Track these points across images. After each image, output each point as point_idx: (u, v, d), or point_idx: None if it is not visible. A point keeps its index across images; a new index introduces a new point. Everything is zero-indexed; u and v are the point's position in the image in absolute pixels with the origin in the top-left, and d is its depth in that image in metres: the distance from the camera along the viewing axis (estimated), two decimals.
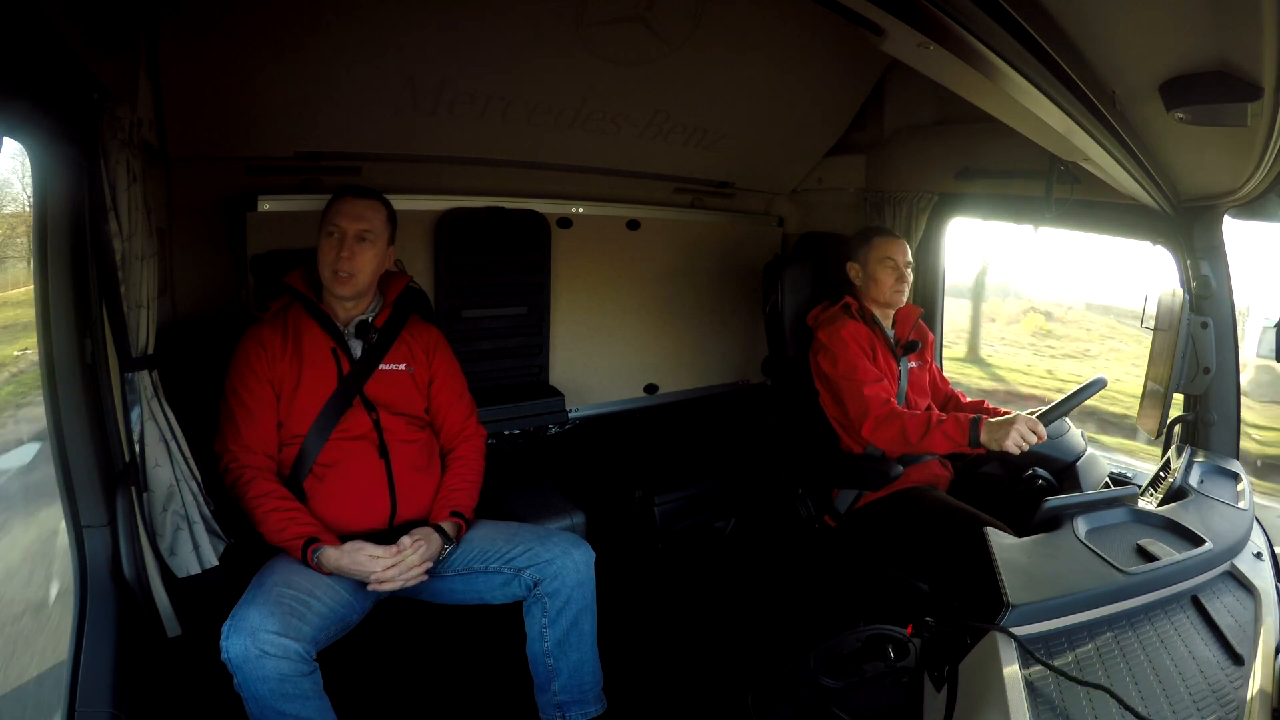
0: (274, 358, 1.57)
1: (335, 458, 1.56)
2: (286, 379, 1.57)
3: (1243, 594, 1.21)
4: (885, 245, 2.05)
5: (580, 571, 1.52)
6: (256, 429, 1.54)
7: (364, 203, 1.61)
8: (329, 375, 1.59)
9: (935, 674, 1.01)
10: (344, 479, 1.56)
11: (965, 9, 0.74)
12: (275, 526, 1.45)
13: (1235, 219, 1.75)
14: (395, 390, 1.65)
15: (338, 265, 1.56)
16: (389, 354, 1.65)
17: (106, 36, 1.20)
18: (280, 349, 1.58)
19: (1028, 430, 1.67)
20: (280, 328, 1.60)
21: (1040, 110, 1.07)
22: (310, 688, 1.29)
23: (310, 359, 1.58)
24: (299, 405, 1.57)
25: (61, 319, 1.23)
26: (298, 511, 1.48)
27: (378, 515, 1.57)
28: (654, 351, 2.76)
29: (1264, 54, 0.80)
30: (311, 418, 1.56)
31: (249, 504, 1.48)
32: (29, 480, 1.48)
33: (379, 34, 1.66)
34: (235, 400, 1.55)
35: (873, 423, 1.86)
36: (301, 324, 1.61)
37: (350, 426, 1.58)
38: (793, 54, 2.11)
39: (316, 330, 1.61)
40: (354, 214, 1.58)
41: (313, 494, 1.55)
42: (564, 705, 1.51)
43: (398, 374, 1.66)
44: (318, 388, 1.58)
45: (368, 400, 1.61)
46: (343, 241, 1.57)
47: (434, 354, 1.74)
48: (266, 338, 1.58)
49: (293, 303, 1.64)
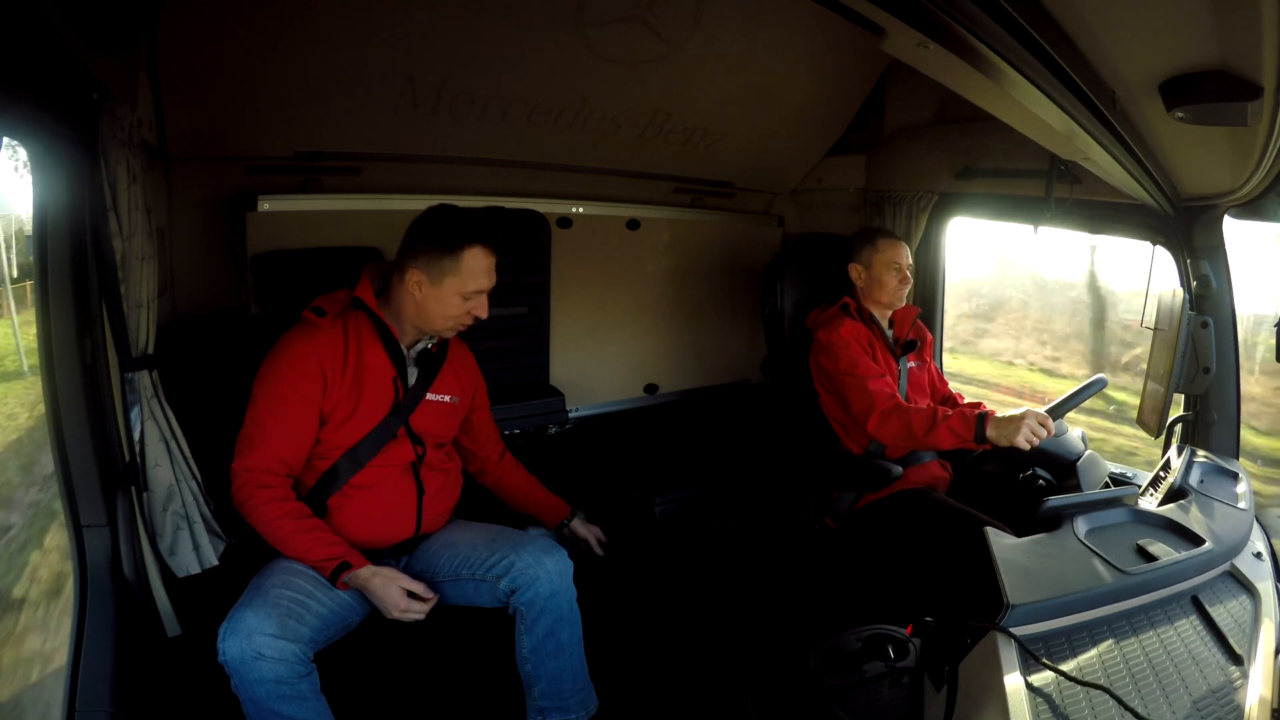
0: (333, 383, 1.45)
1: (369, 482, 1.50)
2: (341, 406, 1.46)
3: (1243, 594, 1.21)
4: (891, 249, 2.05)
5: (554, 581, 1.46)
6: (293, 451, 1.44)
7: (494, 257, 1.51)
8: (384, 404, 1.50)
9: (935, 674, 1.01)
10: (373, 503, 1.51)
11: (965, 9, 0.74)
12: (301, 548, 1.40)
13: (1235, 219, 1.75)
14: (441, 423, 1.60)
15: (463, 323, 1.51)
16: (436, 383, 1.58)
17: (106, 36, 1.20)
18: (340, 373, 1.46)
19: (1037, 425, 1.65)
20: (340, 342, 1.47)
21: (1040, 110, 1.07)
22: (307, 689, 1.28)
23: (370, 388, 1.48)
24: (346, 430, 1.48)
25: (61, 319, 1.23)
26: (321, 531, 1.42)
27: (400, 535, 1.57)
28: (654, 351, 2.76)
29: (1264, 54, 0.80)
30: (353, 442, 1.48)
31: (269, 524, 1.40)
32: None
33: (379, 34, 1.66)
34: (276, 419, 1.42)
35: (878, 417, 1.85)
36: (364, 343, 1.49)
37: (392, 456, 1.52)
38: (793, 54, 2.11)
39: (382, 357, 1.50)
40: (491, 271, 1.50)
41: (337, 510, 1.49)
42: (544, 711, 1.49)
43: (444, 405, 1.60)
44: (370, 416, 1.49)
45: (414, 433, 1.54)
46: (481, 302, 1.50)
47: (474, 378, 1.71)
48: (327, 356, 1.44)
49: (352, 310, 1.51)
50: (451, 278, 1.46)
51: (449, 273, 1.46)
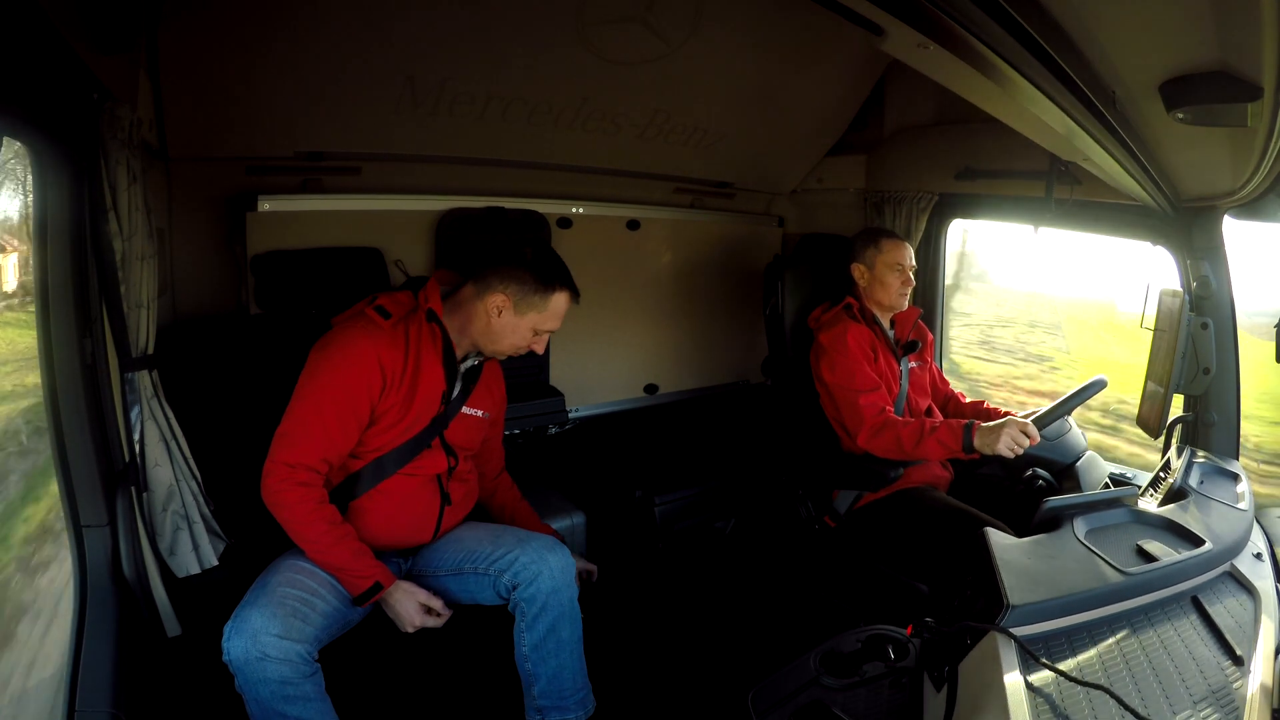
0: (391, 386, 1.45)
1: (396, 490, 1.51)
2: (393, 410, 1.47)
3: (1243, 594, 1.21)
4: (894, 250, 2.04)
5: (556, 578, 1.47)
6: (339, 450, 1.44)
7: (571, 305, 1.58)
8: (429, 413, 1.52)
9: (935, 674, 1.01)
10: (399, 508, 1.52)
11: (965, 9, 0.74)
12: (333, 557, 1.39)
13: (1235, 219, 1.75)
14: (472, 435, 1.63)
15: (520, 351, 1.57)
16: (472, 398, 1.60)
17: (106, 36, 1.20)
18: (399, 378, 1.46)
19: (1019, 433, 1.67)
20: (402, 349, 1.47)
21: (1040, 110, 1.06)
22: (312, 689, 1.29)
23: (422, 397, 1.49)
24: (389, 436, 1.48)
25: (61, 319, 1.23)
26: (353, 540, 1.42)
27: (417, 541, 1.58)
28: (654, 351, 2.77)
29: (1264, 54, 0.80)
30: (393, 446, 1.49)
31: (302, 524, 1.39)
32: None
33: (379, 34, 1.66)
34: (329, 414, 1.41)
35: (868, 432, 1.87)
36: (424, 354, 1.49)
37: (425, 465, 1.53)
38: (793, 54, 2.11)
39: (437, 368, 1.51)
40: (563, 316, 1.57)
41: (360, 512, 1.49)
42: (544, 710, 1.49)
43: (477, 420, 1.62)
44: (415, 424, 1.50)
45: (448, 445, 1.56)
46: (544, 340, 1.58)
47: (502, 395, 1.74)
48: (387, 358, 1.44)
49: (414, 317, 1.50)
50: (535, 313, 1.53)
51: (535, 307, 1.52)
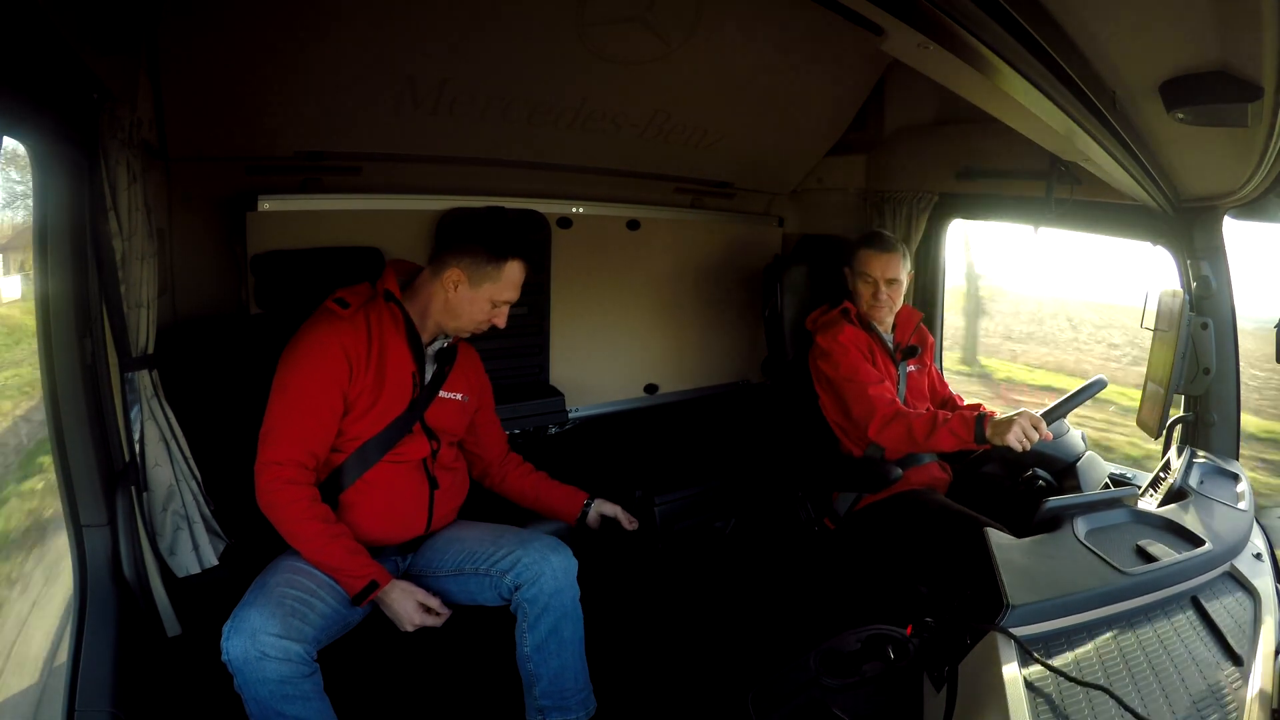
0: (358, 371, 1.46)
1: (383, 478, 1.51)
2: (364, 395, 1.48)
3: (1242, 595, 1.21)
4: (865, 260, 2.02)
5: (559, 578, 1.48)
6: (321, 441, 1.45)
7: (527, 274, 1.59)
8: (404, 398, 1.52)
9: (935, 674, 1.01)
10: (386, 500, 1.52)
11: (965, 9, 0.74)
12: (327, 557, 1.39)
13: (1235, 219, 1.75)
14: (453, 419, 1.63)
15: (481, 328, 1.57)
16: (448, 381, 1.61)
17: (106, 36, 1.20)
18: (364, 362, 1.47)
19: (1029, 426, 1.67)
20: (364, 334, 1.48)
21: (1040, 110, 1.07)
22: (311, 689, 1.29)
23: (391, 380, 1.50)
24: (365, 422, 1.49)
25: (61, 319, 1.23)
26: (348, 539, 1.42)
27: (411, 533, 1.58)
28: (654, 352, 2.76)
29: (1264, 54, 0.80)
30: (373, 433, 1.49)
31: (295, 524, 1.39)
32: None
33: (379, 34, 1.65)
34: (303, 407, 1.42)
35: (879, 422, 1.85)
36: (387, 337, 1.51)
37: (407, 451, 1.53)
38: (793, 54, 2.11)
39: (404, 351, 1.52)
40: (520, 286, 1.56)
41: (349, 506, 1.49)
42: (545, 710, 1.49)
43: (456, 403, 1.63)
44: (390, 409, 1.50)
45: (429, 428, 1.57)
46: (503, 312, 1.57)
47: (481, 379, 1.74)
48: (350, 345, 1.46)
49: (373, 304, 1.53)
50: (490, 284, 1.52)
51: (489, 279, 1.52)
